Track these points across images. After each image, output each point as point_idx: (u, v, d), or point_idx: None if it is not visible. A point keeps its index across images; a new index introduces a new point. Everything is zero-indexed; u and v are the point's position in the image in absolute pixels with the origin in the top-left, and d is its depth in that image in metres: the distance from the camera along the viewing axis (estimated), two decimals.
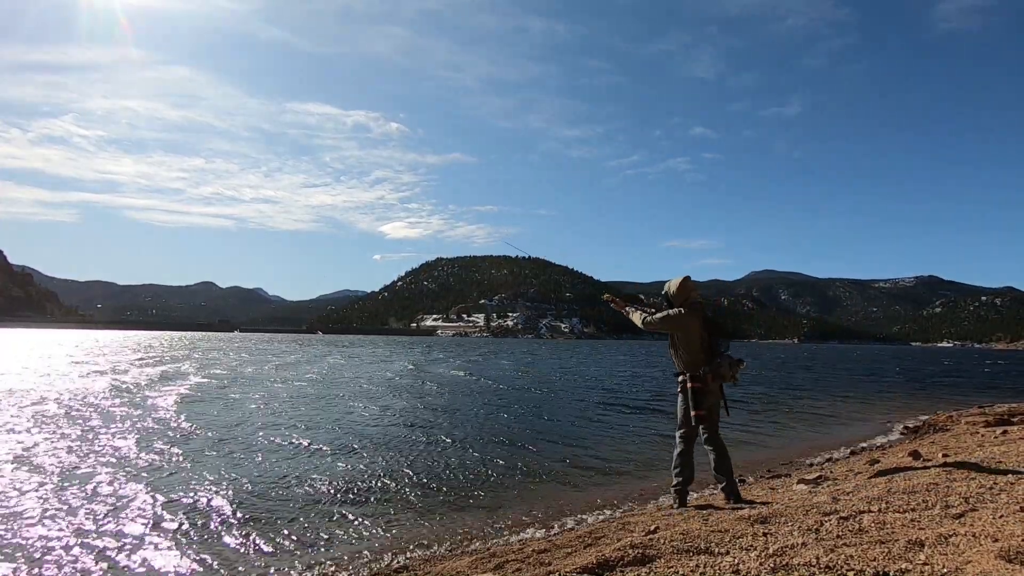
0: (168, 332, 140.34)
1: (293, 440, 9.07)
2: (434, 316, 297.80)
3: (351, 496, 6.21)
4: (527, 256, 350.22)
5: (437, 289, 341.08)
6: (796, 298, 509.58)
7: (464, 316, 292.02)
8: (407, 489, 6.56)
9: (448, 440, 9.52)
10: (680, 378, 4.91)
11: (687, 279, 4.99)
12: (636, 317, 5.06)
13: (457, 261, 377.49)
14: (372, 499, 6.14)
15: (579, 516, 5.67)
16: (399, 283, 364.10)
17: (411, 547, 4.88)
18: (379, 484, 6.72)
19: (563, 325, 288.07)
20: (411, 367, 29.64)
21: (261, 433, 9.61)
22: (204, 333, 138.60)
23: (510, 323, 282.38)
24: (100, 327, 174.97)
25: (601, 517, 5.46)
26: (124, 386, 16.19)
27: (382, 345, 74.01)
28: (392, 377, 23.08)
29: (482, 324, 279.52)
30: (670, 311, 4.91)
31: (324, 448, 8.56)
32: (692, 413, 4.78)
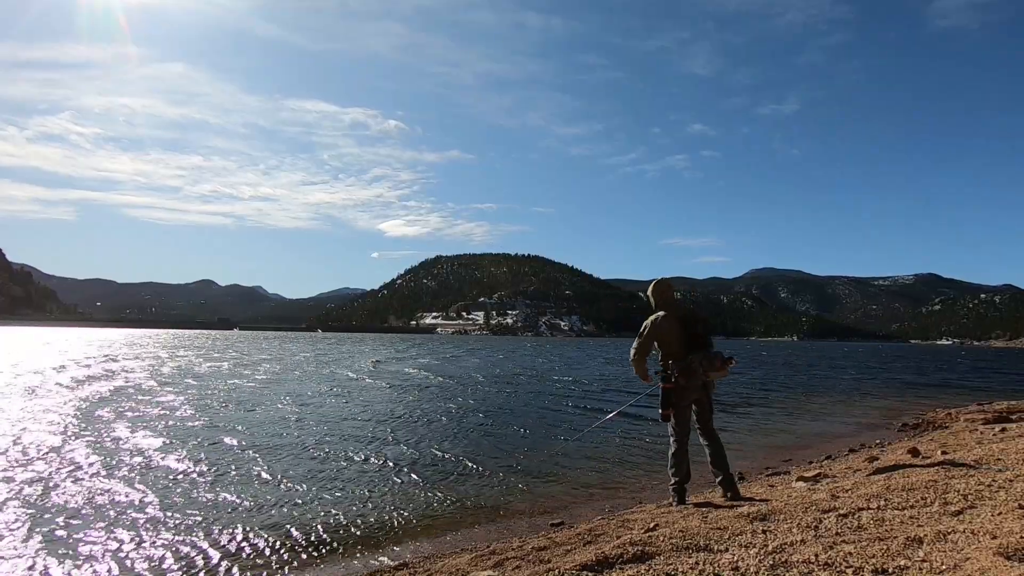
0: (167, 330, 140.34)
1: (287, 437, 9.07)
2: (434, 314, 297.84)
3: (348, 494, 6.21)
4: (527, 254, 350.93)
5: (437, 287, 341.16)
6: (795, 296, 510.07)
7: (464, 314, 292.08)
8: (405, 487, 6.56)
9: (446, 437, 9.54)
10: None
11: (662, 280, 5.19)
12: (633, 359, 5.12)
13: (457, 259, 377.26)
14: (370, 497, 6.14)
15: (578, 514, 5.67)
16: (399, 281, 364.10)
17: (410, 544, 4.89)
18: (376, 482, 6.72)
19: (563, 323, 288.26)
20: (417, 365, 29.65)
21: (253, 430, 9.62)
22: (203, 331, 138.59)
23: (510, 321, 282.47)
24: (100, 325, 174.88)
25: (600, 515, 5.46)
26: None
27: (383, 343, 74.02)
28: (390, 374, 23.10)
29: (482, 322, 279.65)
30: (643, 330, 5.02)
31: (319, 446, 8.56)
32: (660, 411, 4.91)
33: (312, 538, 4.94)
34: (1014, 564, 2.59)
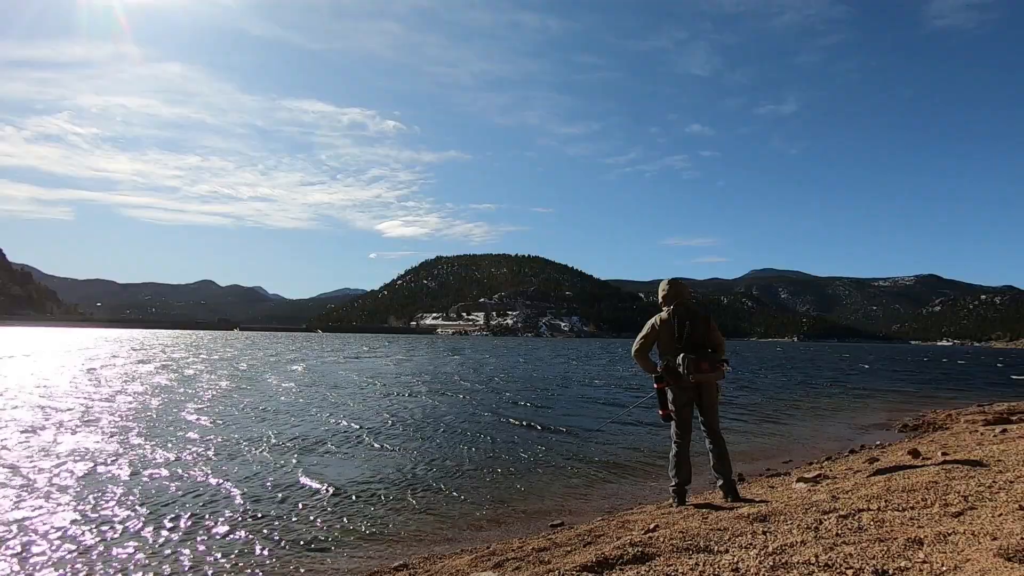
0: (167, 331, 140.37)
1: (283, 437, 9.06)
2: (434, 314, 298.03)
3: (348, 494, 6.19)
4: (527, 255, 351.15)
5: (437, 288, 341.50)
6: (796, 296, 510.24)
7: (464, 315, 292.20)
8: (405, 487, 6.55)
9: (445, 437, 9.53)
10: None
11: (674, 279, 5.12)
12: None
13: (457, 259, 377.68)
14: (369, 497, 6.13)
15: (578, 515, 5.67)
16: (399, 281, 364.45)
17: (410, 545, 4.88)
18: (376, 482, 6.71)
19: (563, 323, 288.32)
20: (416, 366, 29.62)
21: (249, 429, 9.61)
22: (203, 332, 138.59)
23: (510, 321, 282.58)
24: (101, 325, 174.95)
25: (600, 516, 5.45)
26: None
27: (384, 343, 73.97)
28: (387, 375, 23.09)
29: (482, 323, 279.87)
30: (644, 329, 5.03)
31: (317, 445, 8.56)
32: (659, 412, 4.94)
33: (311, 539, 4.94)
34: (1014, 565, 2.59)
